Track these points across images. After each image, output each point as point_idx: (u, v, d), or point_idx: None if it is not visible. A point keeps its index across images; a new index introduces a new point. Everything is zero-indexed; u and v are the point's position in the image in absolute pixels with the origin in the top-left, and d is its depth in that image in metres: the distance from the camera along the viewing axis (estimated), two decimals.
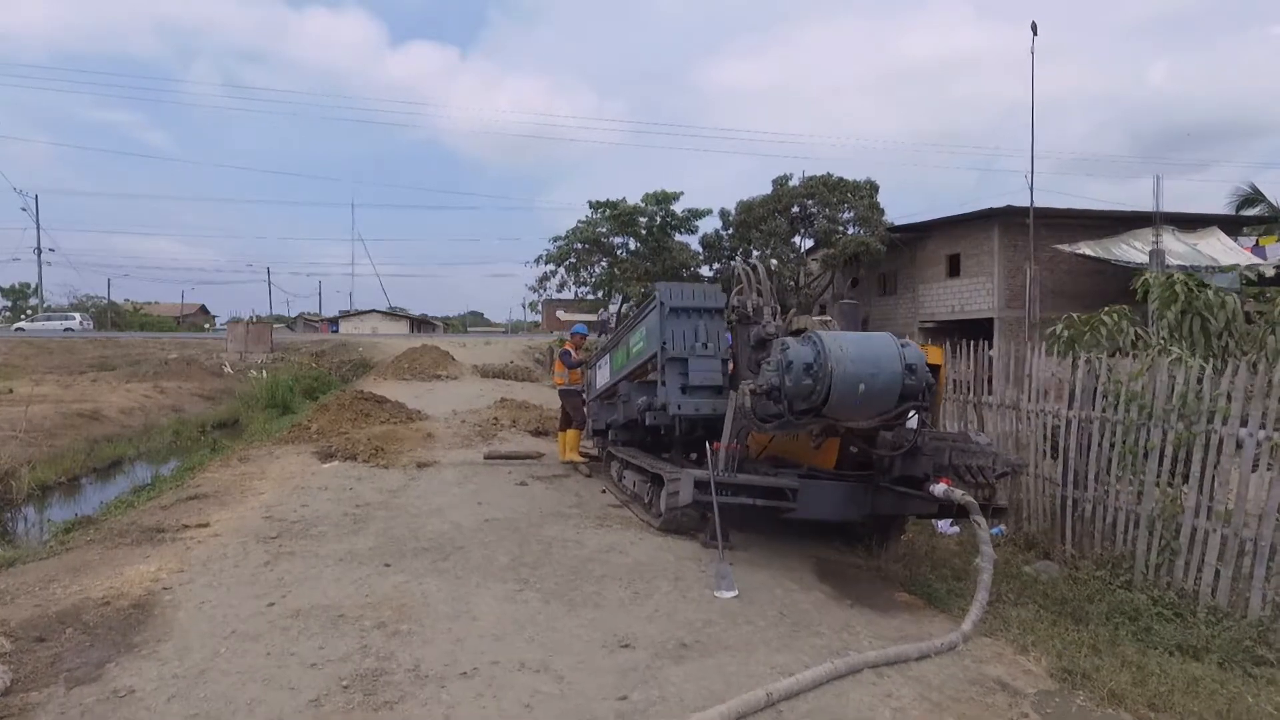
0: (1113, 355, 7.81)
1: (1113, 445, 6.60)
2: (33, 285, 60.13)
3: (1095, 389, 6.76)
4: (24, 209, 56.86)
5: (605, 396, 9.47)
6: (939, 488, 5.34)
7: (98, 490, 12.68)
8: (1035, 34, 20.31)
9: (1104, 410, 6.65)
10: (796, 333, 6.54)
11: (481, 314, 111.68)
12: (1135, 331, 8.43)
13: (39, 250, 56.29)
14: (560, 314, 65.29)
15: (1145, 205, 25.63)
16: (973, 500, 5.08)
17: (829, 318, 6.27)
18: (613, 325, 34.15)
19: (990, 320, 23.89)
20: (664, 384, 6.81)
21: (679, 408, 6.67)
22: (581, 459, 10.67)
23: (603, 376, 9.30)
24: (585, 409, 10.35)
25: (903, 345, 5.23)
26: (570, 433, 10.56)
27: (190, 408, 22.58)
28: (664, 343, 6.82)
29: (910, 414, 5.62)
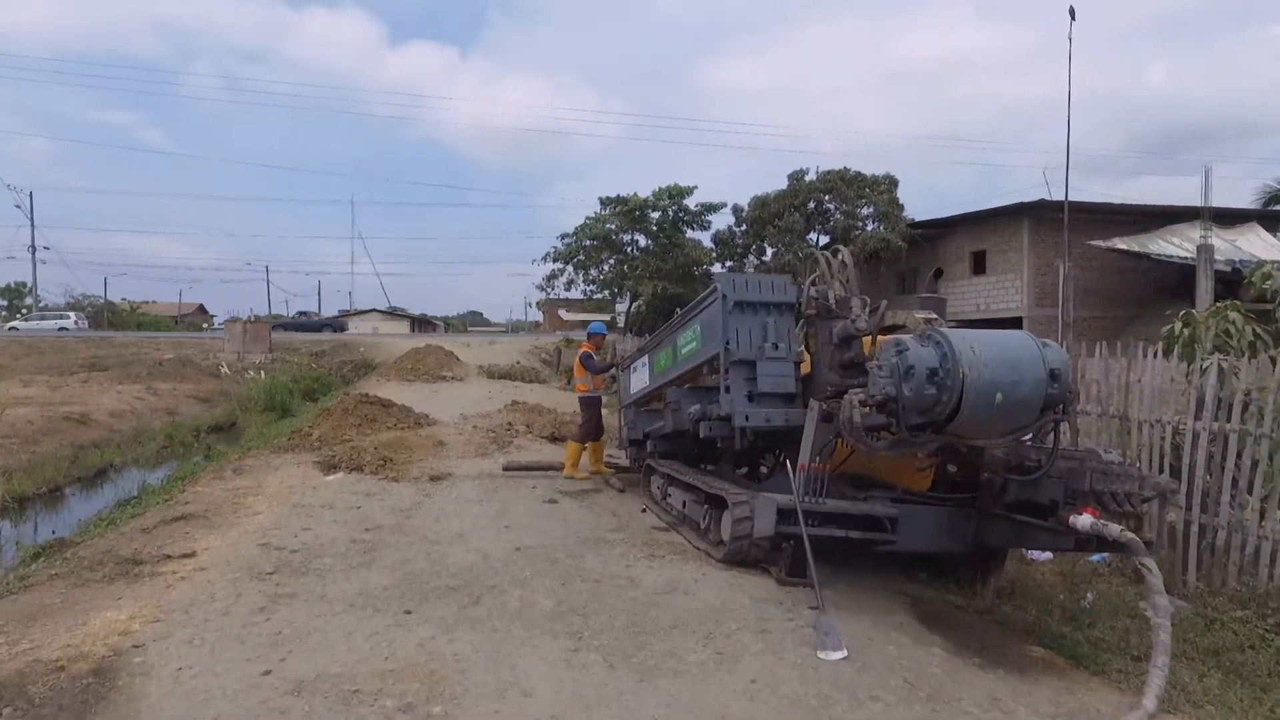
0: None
1: (1255, 463, 5.65)
2: (29, 284, 59.01)
3: (1231, 397, 5.80)
4: (18, 206, 55.69)
5: (643, 403, 8.51)
6: (1083, 519, 4.36)
7: (80, 502, 11.68)
8: (1073, 19, 19.32)
9: (1244, 422, 5.69)
10: (890, 329, 5.60)
11: (481, 314, 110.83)
12: (1254, 330, 7.44)
13: (33, 248, 55.33)
14: (562, 313, 64.26)
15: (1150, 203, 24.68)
16: (1136, 539, 4.10)
17: (933, 314, 5.29)
18: (621, 325, 33.12)
19: (1019, 319, 22.91)
20: (727, 390, 5.83)
21: (746, 419, 5.69)
22: (609, 470, 9.70)
23: (640, 380, 8.32)
24: (621, 416, 9.36)
25: (1043, 345, 4.26)
26: (593, 445, 9.57)
27: (185, 410, 21.58)
28: (727, 342, 5.85)
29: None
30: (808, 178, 28.68)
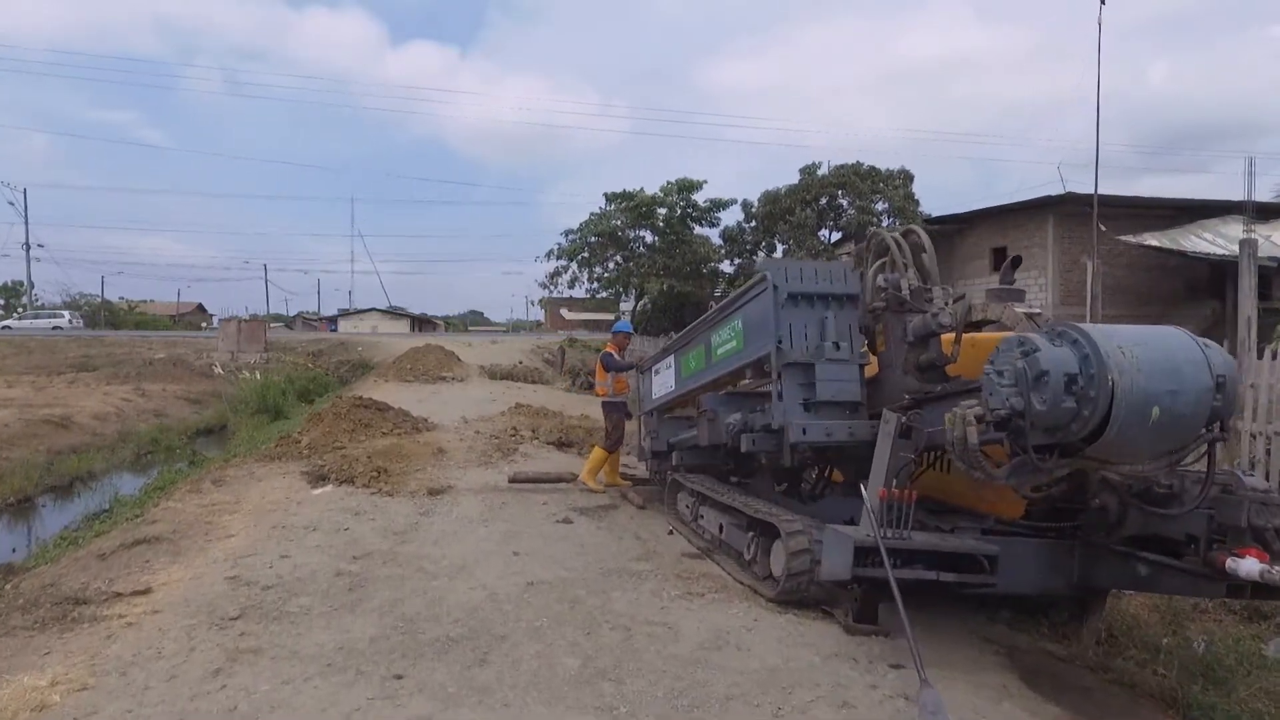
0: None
1: None
2: (25, 282, 58.16)
3: None
4: (11, 203, 54.77)
5: (668, 410, 7.61)
6: (1248, 564, 3.46)
7: (50, 514, 10.81)
8: (1103, 1, 18.39)
9: None
10: (977, 325, 4.71)
11: (482, 313, 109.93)
12: None
13: (27, 246, 54.52)
14: (564, 313, 63.45)
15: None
16: None
17: (1037, 309, 4.40)
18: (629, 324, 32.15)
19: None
20: (780, 398, 4.93)
21: (804, 432, 4.78)
22: (625, 483, 8.80)
23: (663, 384, 7.41)
24: (642, 426, 8.45)
25: (1205, 346, 3.37)
26: (613, 455, 8.67)
27: (174, 412, 20.72)
28: (779, 341, 4.94)
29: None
30: (820, 172, 27.80)
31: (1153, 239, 20.41)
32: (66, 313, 50.14)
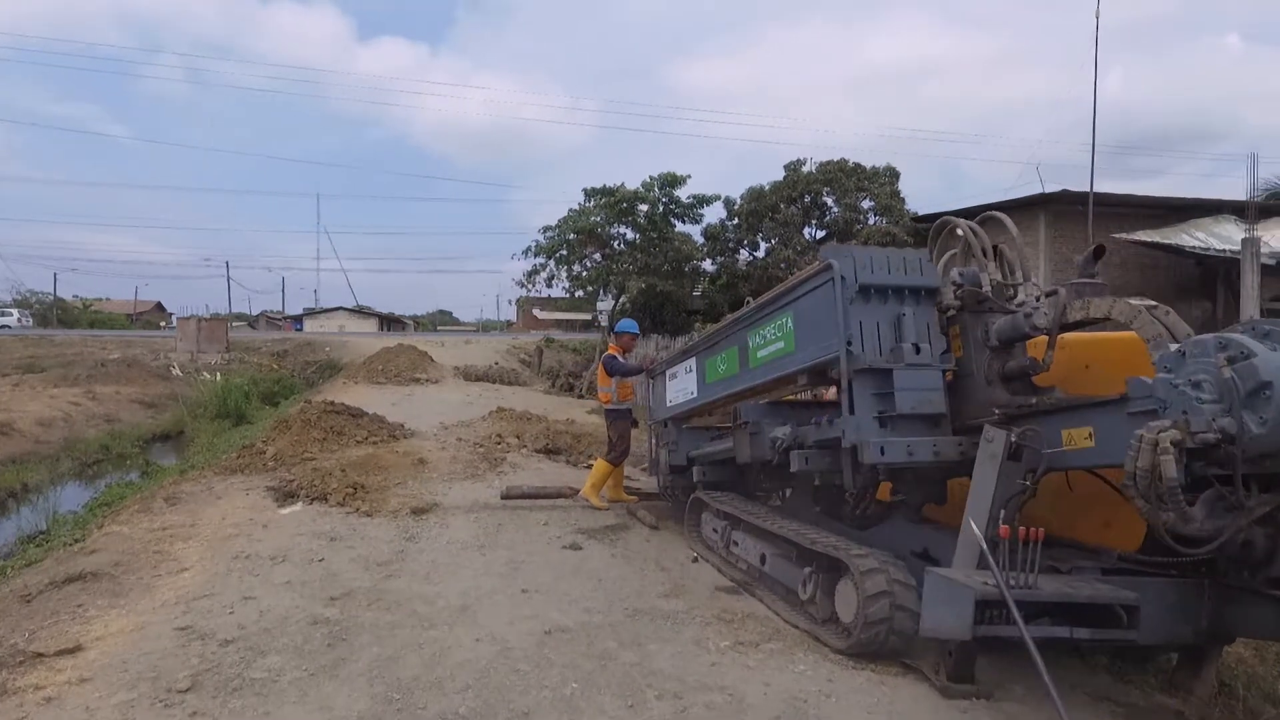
0: None
1: None
2: None
3: None
4: None
5: (684, 419, 6.79)
6: None
7: None
8: None
9: None
10: (1073, 326, 3.99)
11: (450, 313, 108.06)
12: None
13: None
14: (537, 313, 62.42)
15: None
16: None
17: (1150, 301, 3.69)
18: (605, 324, 31.24)
19: None
20: (851, 411, 4.13)
21: (882, 451, 3.99)
22: (630, 498, 7.97)
23: (682, 390, 6.58)
24: (654, 436, 7.60)
25: None
26: (618, 469, 7.84)
27: (127, 417, 19.44)
28: (849, 342, 4.15)
29: None
30: (805, 168, 27.20)
31: (1147, 236, 20.08)
32: (15, 311, 48.07)
